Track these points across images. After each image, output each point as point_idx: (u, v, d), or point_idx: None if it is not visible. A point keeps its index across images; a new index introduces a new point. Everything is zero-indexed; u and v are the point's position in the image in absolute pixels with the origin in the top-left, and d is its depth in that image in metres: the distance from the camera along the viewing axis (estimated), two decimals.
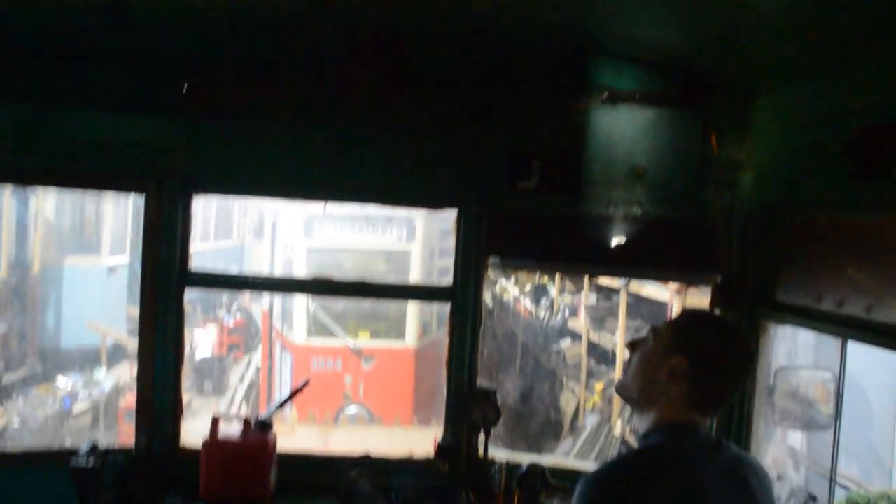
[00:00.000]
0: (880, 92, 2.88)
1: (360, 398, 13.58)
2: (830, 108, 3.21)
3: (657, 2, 3.28)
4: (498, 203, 4.13)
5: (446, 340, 4.32)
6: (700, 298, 11.69)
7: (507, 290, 20.90)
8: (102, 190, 4.53)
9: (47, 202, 17.11)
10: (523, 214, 4.16)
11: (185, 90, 3.95)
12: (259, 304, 19.62)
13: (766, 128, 3.79)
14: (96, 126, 4.07)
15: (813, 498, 4.00)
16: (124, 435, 13.40)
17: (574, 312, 18.09)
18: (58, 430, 14.26)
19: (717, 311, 4.07)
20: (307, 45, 3.89)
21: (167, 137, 4.10)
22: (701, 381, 2.43)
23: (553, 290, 19.01)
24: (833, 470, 4.83)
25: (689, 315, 2.77)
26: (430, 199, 4.37)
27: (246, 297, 23.79)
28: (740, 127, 3.93)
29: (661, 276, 6.38)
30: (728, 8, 3.02)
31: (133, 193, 4.26)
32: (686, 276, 4.66)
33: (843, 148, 2.96)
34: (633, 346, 2.62)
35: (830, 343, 5.82)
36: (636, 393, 2.54)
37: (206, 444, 3.94)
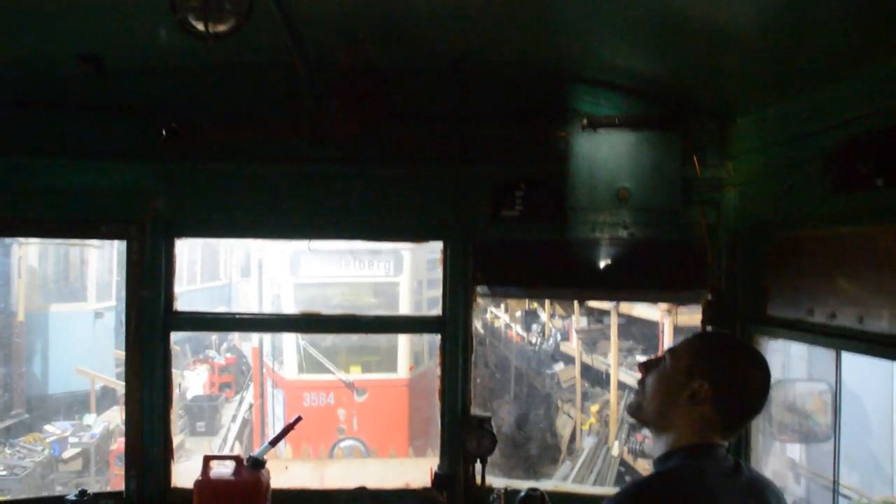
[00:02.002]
0: (857, 107, 2.90)
1: (354, 431, 13.47)
2: (809, 124, 3.23)
3: (632, 29, 3.32)
4: (483, 232, 4.13)
5: (438, 371, 4.30)
6: (691, 317, 11.72)
7: (498, 317, 20.87)
8: (84, 238, 4.52)
9: (30, 250, 17.00)
10: (509, 243, 4.16)
11: (163, 136, 3.94)
12: (249, 342, 19.49)
13: (748, 146, 3.82)
14: (75, 174, 4.06)
15: None
16: (116, 480, 13.20)
17: (566, 336, 18.09)
18: (48, 477, 14.05)
19: (709, 328, 4.07)
20: (284, 87, 3.90)
21: (147, 183, 4.09)
22: (724, 405, 2.40)
23: (544, 315, 19.00)
24: (835, 481, 4.81)
25: (707, 338, 2.75)
26: (414, 233, 4.38)
27: (236, 335, 23.65)
28: (721, 147, 3.96)
29: (650, 296, 6.38)
30: (703, 33, 3.05)
31: (117, 240, 4.24)
32: (675, 295, 4.67)
33: (824, 162, 2.98)
34: (647, 367, 2.59)
35: (823, 354, 5.82)
36: (653, 415, 2.51)
37: (198, 484, 3.88)
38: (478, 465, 4.15)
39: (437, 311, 4.35)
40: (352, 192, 4.14)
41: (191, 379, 20.26)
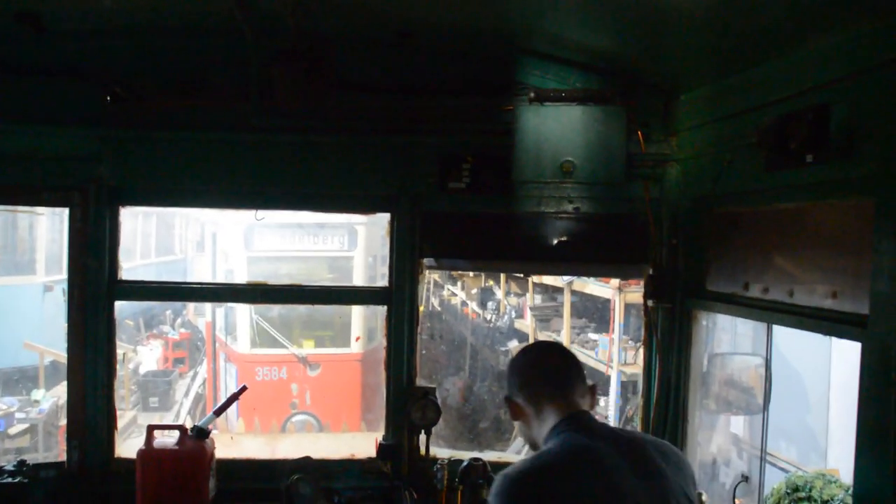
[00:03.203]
0: (791, 84, 2.98)
1: (307, 406, 13.41)
2: (747, 101, 3.31)
3: (581, 2, 3.34)
4: (429, 205, 4.15)
5: (384, 342, 4.33)
6: (641, 294, 11.87)
7: (455, 294, 20.94)
8: (24, 205, 4.43)
9: None
10: (455, 215, 4.20)
11: (108, 101, 3.88)
12: (204, 317, 19.25)
13: (691, 123, 3.89)
14: (15, 139, 3.97)
15: (745, 478, 4.12)
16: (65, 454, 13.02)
17: (520, 314, 18.20)
18: None
19: (650, 303, 4.15)
20: (231, 53, 3.87)
21: (91, 149, 4.01)
22: (526, 382, 2.57)
23: (499, 293, 19.10)
24: (763, 449, 4.97)
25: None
26: (361, 204, 4.38)
27: (190, 310, 23.36)
28: (665, 122, 4.03)
29: (594, 270, 6.50)
30: (650, 7, 3.09)
31: (59, 207, 4.16)
32: (618, 269, 4.75)
33: (758, 139, 3.05)
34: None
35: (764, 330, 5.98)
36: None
37: (140, 454, 3.87)
38: (423, 437, 4.21)
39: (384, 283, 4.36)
40: (299, 162, 4.12)
41: (144, 354, 19.98)
